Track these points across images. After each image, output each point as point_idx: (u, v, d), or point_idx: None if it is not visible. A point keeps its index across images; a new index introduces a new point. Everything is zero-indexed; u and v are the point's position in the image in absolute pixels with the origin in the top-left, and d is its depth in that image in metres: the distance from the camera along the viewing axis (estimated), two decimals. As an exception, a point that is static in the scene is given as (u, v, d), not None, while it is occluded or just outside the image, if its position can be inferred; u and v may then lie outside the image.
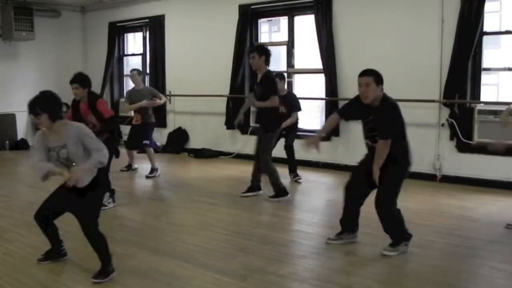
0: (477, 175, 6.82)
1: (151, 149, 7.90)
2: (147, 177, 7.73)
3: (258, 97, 6.11)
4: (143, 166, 9.16)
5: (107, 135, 5.62)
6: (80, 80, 5.65)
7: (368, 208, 5.82)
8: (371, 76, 4.14)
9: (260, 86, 6.15)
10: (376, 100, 4.17)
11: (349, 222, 4.57)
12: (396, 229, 4.33)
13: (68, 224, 5.30)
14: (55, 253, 4.15)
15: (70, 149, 3.72)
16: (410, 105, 6.74)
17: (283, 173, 7.00)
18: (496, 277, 3.92)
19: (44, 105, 3.69)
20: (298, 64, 8.93)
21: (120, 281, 3.75)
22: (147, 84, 10.87)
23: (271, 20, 9.72)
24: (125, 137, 7.83)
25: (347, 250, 4.44)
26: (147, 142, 7.80)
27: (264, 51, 6.04)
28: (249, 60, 6.31)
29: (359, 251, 4.40)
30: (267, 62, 6.06)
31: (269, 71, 6.15)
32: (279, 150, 7.21)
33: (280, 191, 6.19)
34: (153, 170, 7.81)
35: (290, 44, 8.92)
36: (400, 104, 7.28)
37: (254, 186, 6.44)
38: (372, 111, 4.19)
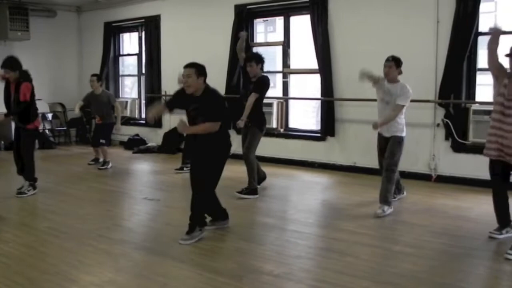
0: (472, 175, 6.83)
1: (105, 148, 8.67)
2: (99, 168, 8.50)
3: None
4: (141, 166, 9.15)
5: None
6: (8, 64, 6.29)
7: (365, 208, 5.86)
8: (193, 68, 4.56)
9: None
10: (199, 91, 4.60)
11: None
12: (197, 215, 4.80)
13: (62, 226, 5.29)
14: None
15: None
16: (405, 105, 6.74)
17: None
18: (492, 276, 3.94)
19: None
20: (293, 64, 8.93)
21: (116, 281, 3.74)
22: (142, 84, 10.90)
23: (267, 20, 9.71)
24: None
25: (342, 250, 4.44)
26: (103, 141, 8.64)
27: (261, 60, 6.48)
28: (247, 68, 6.54)
29: (355, 251, 4.41)
30: (262, 69, 6.54)
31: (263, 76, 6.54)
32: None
33: (253, 191, 6.40)
34: (105, 162, 8.60)
35: (285, 44, 8.92)
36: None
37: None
38: (195, 101, 4.63)
